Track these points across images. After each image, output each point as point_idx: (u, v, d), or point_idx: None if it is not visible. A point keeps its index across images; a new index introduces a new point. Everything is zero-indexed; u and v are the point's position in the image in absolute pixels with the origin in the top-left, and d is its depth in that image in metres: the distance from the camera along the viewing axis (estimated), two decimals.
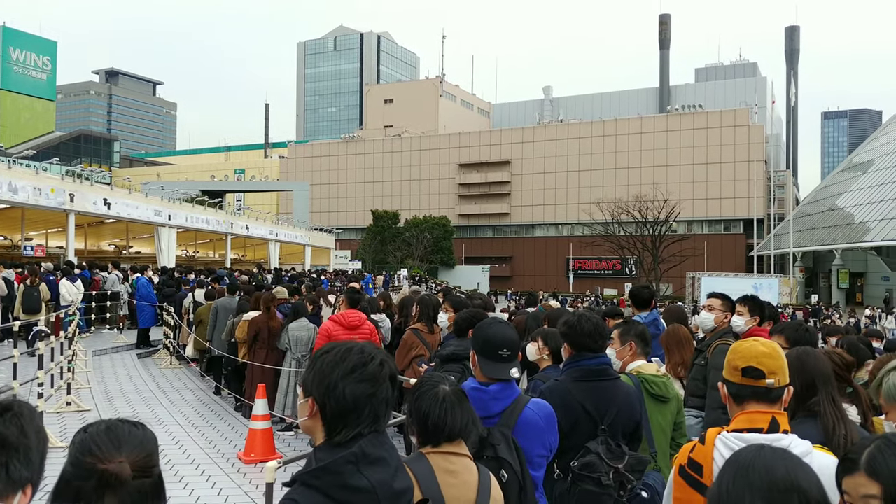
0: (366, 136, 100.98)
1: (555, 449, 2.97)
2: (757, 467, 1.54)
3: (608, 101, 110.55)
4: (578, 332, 3.43)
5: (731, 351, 2.46)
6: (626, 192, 71.29)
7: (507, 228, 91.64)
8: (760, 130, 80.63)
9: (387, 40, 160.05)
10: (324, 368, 1.84)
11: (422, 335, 6.92)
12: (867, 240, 54.12)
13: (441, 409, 2.34)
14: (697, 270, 62.37)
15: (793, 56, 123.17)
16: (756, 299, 5.42)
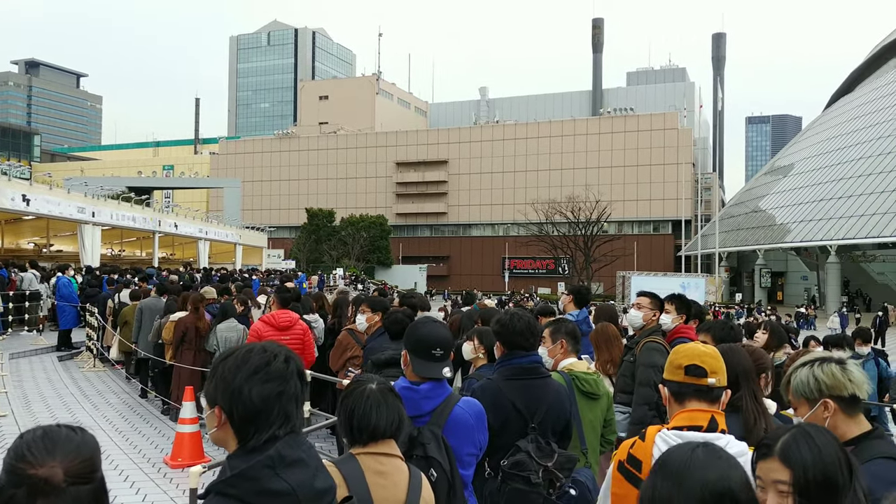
0: (300, 133, 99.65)
1: (485, 447, 2.96)
2: (691, 472, 1.54)
3: (543, 103, 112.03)
4: (511, 330, 3.43)
5: (674, 351, 2.51)
6: (560, 192, 72.43)
7: (444, 228, 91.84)
8: (688, 134, 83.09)
9: (322, 36, 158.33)
10: (225, 374, 1.76)
11: (357, 336, 6.84)
12: (787, 241, 56.36)
13: (367, 407, 2.31)
14: (628, 270, 63.82)
15: (719, 62, 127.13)
16: (683, 298, 5.55)
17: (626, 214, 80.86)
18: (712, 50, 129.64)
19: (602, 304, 8.40)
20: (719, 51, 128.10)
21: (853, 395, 2.27)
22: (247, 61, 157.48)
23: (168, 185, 76.96)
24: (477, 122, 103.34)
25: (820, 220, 52.84)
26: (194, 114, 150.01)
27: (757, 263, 61.73)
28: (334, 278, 45.62)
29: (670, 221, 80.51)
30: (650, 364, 4.63)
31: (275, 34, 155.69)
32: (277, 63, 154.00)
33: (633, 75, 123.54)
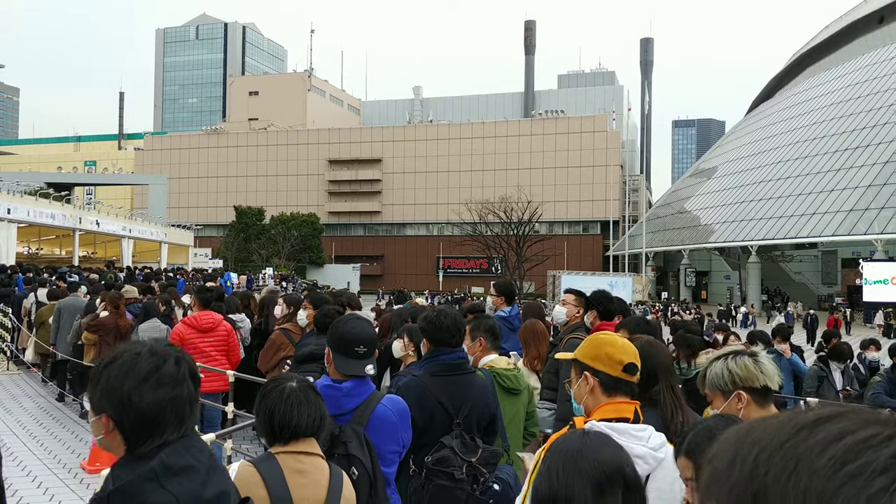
0: (229, 129, 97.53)
1: (408, 445, 2.96)
2: (585, 454, 1.60)
3: (476, 104, 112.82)
4: (437, 326, 3.44)
5: (610, 344, 2.54)
6: (493, 193, 73.02)
7: (378, 227, 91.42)
8: (617, 136, 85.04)
9: (252, 31, 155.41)
10: (111, 382, 1.67)
11: (291, 335, 6.73)
12: (711, 241, 58.28)
13: (287, 406, 2.27)
14: (558, 269, 64.85)
15: (647, 67, 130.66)
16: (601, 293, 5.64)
17: (557, 215, 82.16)
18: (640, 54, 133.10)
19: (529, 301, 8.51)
20: (647, 55, 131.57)
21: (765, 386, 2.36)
22: (174, 55, 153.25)
23: (90, 182, 74.17)
24: (411, 121, 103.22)
25: (742, 221, 54.84)
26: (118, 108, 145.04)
27: (682, 263, 63.63)
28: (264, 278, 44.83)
29: (599, 222, 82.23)
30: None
31: (204, 28, 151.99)
32: (206, 57, 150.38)
33: (564, 78, 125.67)
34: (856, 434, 0.65)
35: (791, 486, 0.64)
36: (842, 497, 0.61)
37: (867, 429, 0.66)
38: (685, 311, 41.66)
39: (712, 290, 67.22)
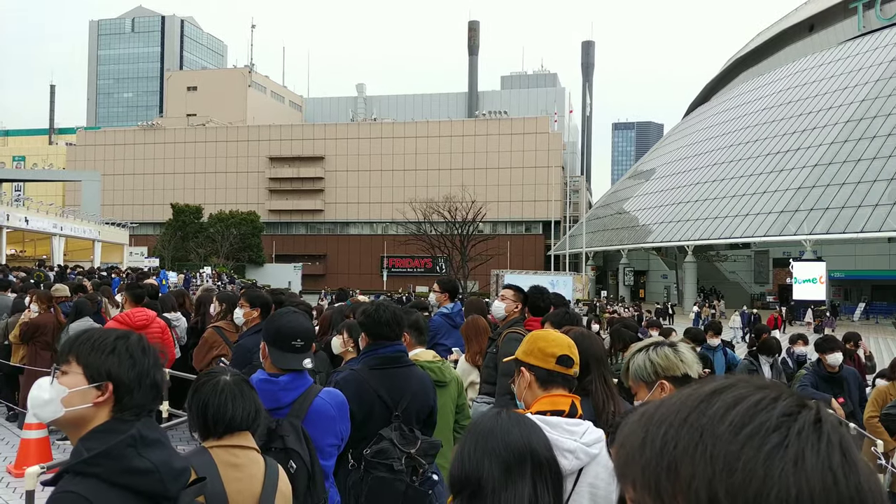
0: (166, 125, 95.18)
1: (347, 438, 2.96)
2: (495, 434, 1.65)
3: (420, 103, 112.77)
4: (375, 320, 3.45)
5: (542, 339, 2.59)
6: (438, 192, 73.13)
7: (320, 226, 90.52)
8: (559, 138, 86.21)
9: (191, 25, 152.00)
10: (132, 353, 1.81)
11: (225, 333, 6.61)
12: (649, 241, 59.63)
13: (222, 399, 2.24)
14: (501, 268, 65.34)
15: (588, 69, 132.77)
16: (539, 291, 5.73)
17: (501, 215, 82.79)
18: (582, 57, 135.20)
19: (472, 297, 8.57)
20: (588, 58, 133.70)
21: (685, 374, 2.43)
22: (108, 48, 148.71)
23: (18, 178, 71.25)
24: (354, 118, 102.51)
25: (678, 221, 56.27)
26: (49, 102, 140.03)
27: (621, 263, 64.89)
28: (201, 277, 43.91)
29: (541, 222, 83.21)
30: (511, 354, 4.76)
31: (140, 20, 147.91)
32: (142, 51, 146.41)
33: (508, 79, 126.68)
34: (748, 399, 0.74)
35: (699, 454, 0.71)
36: (744, 456, 0.70)
37: (757, 394, 0.75)
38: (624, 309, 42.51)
39: (650, 288, 68.81)
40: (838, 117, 50.68)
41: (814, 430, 0.73)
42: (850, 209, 43.46)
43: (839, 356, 7.30)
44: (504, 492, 1.59)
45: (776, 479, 0.69)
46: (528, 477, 1.61)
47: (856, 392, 7.32)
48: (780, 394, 0.76)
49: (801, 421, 0.73)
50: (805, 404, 0.76)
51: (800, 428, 0.72)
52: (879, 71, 51.51)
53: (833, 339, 7.97)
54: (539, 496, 1.60)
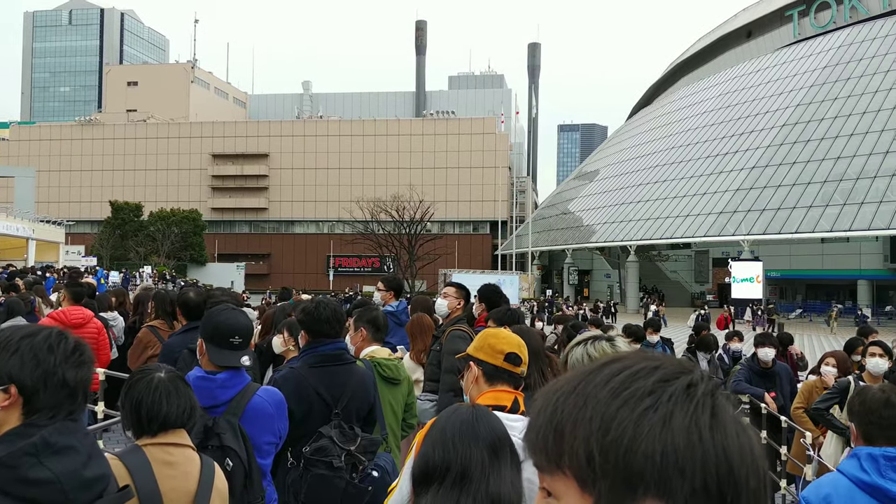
0: (105, 120, 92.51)
1: (284, 436, 2.94)
2: (480, 421, 1.70)
3: (367, 101, 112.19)
4: (316, 318, 3.43)
5: (494, 336, 2.64)
6: (385, 191, 72.88)
7: (265, 224, 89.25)
8: (505, 139, 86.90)
9: (132, 19, 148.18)
10: (36, 353, 1.70)
11: (160, 333, 6.47)
12: (593, 241, 60.59)
13: (156, 397, 2.21)
14: (449, 268, 65.59)
15: (534, 71, 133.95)
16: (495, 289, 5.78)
17: (448, 215, 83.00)
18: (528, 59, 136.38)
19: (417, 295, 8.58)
20: (534, 60, 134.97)
21: None
22: (44, 40, 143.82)
23: None
24: (300, 116, 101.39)
25: (621, 222, 57.33)
26: None
27: (566, 262, 65.77)
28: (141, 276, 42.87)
29: (488, 222, 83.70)
30: (454, 352, 4.78)
31: (77, 13, 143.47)
32: (80, 44, 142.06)
33: (455, 79, 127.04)
34: (631, 369, 0.82)
35: (580, 417, 0.79)
36: (618, 417, 0.77)
37: (640, 364, 0.83)
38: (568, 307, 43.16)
39: (594, 287, 69.94)
40: (775, 121, 52.35)
41: (685, 394, 0.78)
42: (785, 210, 44.94)
43: (770, 351, 7.55)
44: (493, 476, 1.64)
45: (644, 437, 0.75)
46: (508, 462, 1.68)
47: (787, 387, 7.57)
48: (661, 364, 0.82)
49: (674, 385, 0.79)
50: (682, 372, 0.82)
51: (672, 392, 0.78)
52: (813, 77, 53.41)
53: (767, 335, 8.24)
54: (514, 481, 1.67)
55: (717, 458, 0.76)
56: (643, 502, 0.76)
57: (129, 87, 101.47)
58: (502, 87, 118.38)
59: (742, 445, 0.78)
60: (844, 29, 56.92)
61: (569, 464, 0.79)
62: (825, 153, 46.25)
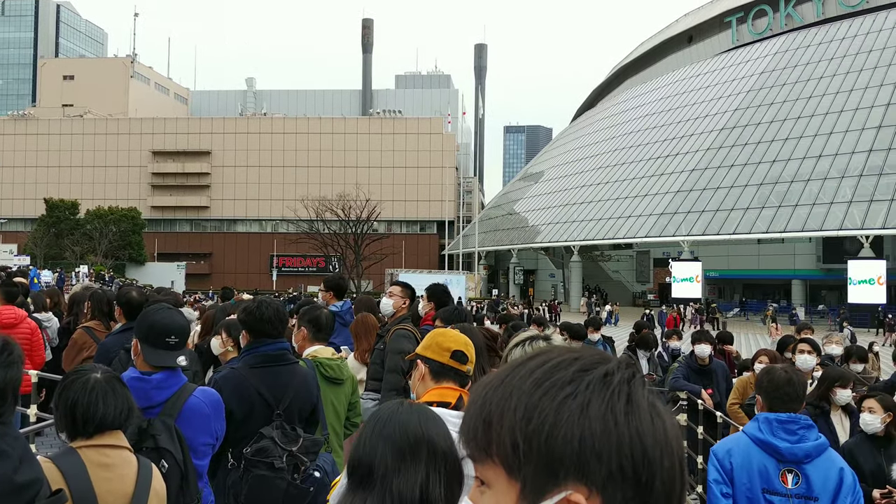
0: (39, 115, 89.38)
1: (222, 437, 2.90)
2: (393, 421, 1.67)
3: (313, 99, 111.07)
4: (257, 318, 3.39)
5: (441, 334, 2.68)
6: (331, 190, 72.27)
7: (206, 223, 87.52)
8: (453, 139, 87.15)
9: (68, 11, 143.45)
10: None
11: (95, 334, 6.29)
12: (537, 241, 61.27)
13: (92, 398, 2.15)
14: (396, 268, 65.48)
15: (481, 72, 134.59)
16: (444, 289, 5.81)
17: (395, 214, 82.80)
18: (474, 60, 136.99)
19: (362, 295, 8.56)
20: (481, 61, 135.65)
21: None
22: None
23: None
24: (243, 113, 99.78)
25: (565, 222, 58.11)
26: None
27: (512, 262, 66.34)
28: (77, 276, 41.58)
29: (435, 222, 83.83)
30: (398, 351, 4.79)
31: (10, 4, 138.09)
32: (13, 36, 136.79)
33: (402, 78, 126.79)
34: (553, 360, 0.87)
35: (506, 407, 0.84)
36: (540, 406, 0.82)
37: (562, 356, 0.88)
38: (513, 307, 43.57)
39: (539, 287, 70.71)
40: (714, 125, 53.79)
41: (602, 382, 0.84)
42: (723, 212, 46.21)
43: (706, 348, 7.76)
44: (395, 477, 1.60)
45: (563, 424, 0.80)
46: (421, 465, 1.62)
47: (723, 384, 7.80)
48: (580, 355, 0.87)
49: (592, 375, 0.84)
50: (600, 362, 0.87)
51: (590, 381, 0.83)
52: (751, 82, 55.07)
53: (704, 332, 8.48)
54: (431, 485, 1.62)
55: (632, 441, 0.80)
56: (564, 485, 0.80)
57: (66, 81, 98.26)
58: (449, 87, 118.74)
59: (656, 429, 0.83)
60: (780, 36, 58.88)
61: (497, 452, 0.84)
62: (762, 156, 47.73)
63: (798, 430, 3.29)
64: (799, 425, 3.30)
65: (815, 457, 3.26)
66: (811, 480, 3.23)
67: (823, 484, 3.22)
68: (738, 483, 3.31)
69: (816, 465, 3.26)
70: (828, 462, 3.30)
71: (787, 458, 3.25)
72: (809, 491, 3.22)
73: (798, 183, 44.32)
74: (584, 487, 0.80)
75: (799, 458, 3.24)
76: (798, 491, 3.23)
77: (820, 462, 3.27)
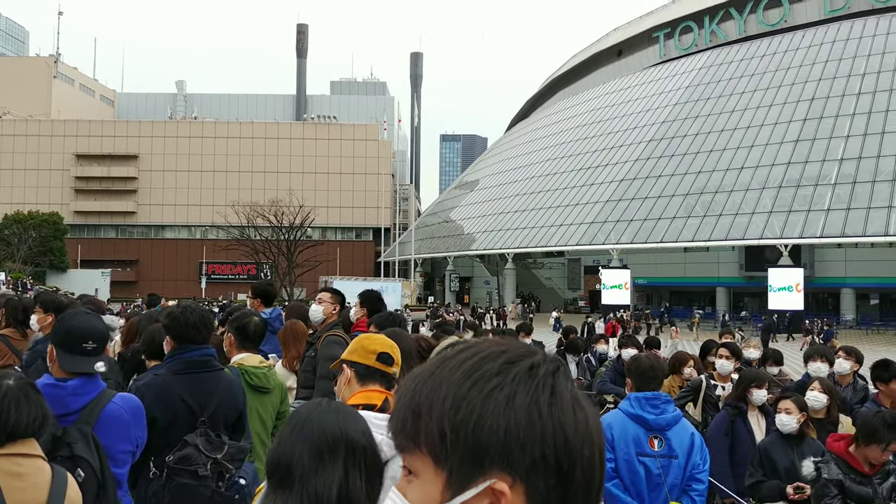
0: None
1: (142, 444, 2.84)
2: (311, 421, 1.67)
3: (246, 103, 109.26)
4: (182, 323, 3.33)
5: (367, 338, 2.70)
6: (263, 196, 71.17)
7: (133, 229, 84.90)
8: (388, 146, 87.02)
9: None
10: None
11: (10, 342, 6.04)
12: (473, 249, 61.71)
13: (5, 405, 2.09)
14: (330, 275, 64.83)
15: (417, 80, 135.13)
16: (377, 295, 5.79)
17: (330, 221, 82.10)
18: (410, 68, 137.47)
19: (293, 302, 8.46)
20: (417, 69, 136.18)
21: None
22: None
23: None
24: (173, 116, 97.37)
25: (500, 230, 58.73)
26: None
27: (447, 269, 66.62)
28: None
29: (371, 229, 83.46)
30: (330, 357, 4.75)
31: None
32: None
33: (337, 84, 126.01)
34: (482, 353, 0.90)
35: (435, 398, 0.86)
36: (468, 397, 0.85)
37: (491, 348, 0.91)
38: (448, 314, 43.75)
39: (474, 294, 71.23)
40: (642, 136, 55.30)
41: (528, 375, 0.87)
42: (651, 221, 47.50)
43: (633, 352, 7.97)
44: (313, 477, 1.60)
45: (490, 414, 0.83)
46: (340, 463, 1.63)
47: None
48: (508, 349, 0.90)
49: (518, 367, 0.87)
50: (526, 355, 0.90)
51: (516, 373, 0.87)
52: (678, 95, 56.88)
53: (630, 337, 8.71)
54: (350, 482, 1.62)
55: (555, 431, 0.84)
56: (489, 474, 0.83)
57: None
58: (385, 94, 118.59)
59: (578, 419, 0.86)
60: (705, 52, 61.04)
61: (425, 442, 0.86)
62: (688, 168, 49.29)
63: (660, 404, 4.09)
64: (661, 401, 4.10)
65: (673, 425, 4.08)
66: (672, 443, 4.05)
67: (680, 445, 4.06)
68: (618, 449, 4.01)
69: (675, 432, 4.08)
70: (683, 429, 4.14)
71: (654, 427, 4.04)
72: (671, 451, 4.04)
73: (722, 194, 45.92)
74: (508, 476, 0.83)
75: (662, 426, 4.05)
76: (663, 452, 4.04)
77: (677, 429, 4.10)
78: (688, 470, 4.09)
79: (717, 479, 5.75)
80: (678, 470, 4.06)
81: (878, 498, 4.17)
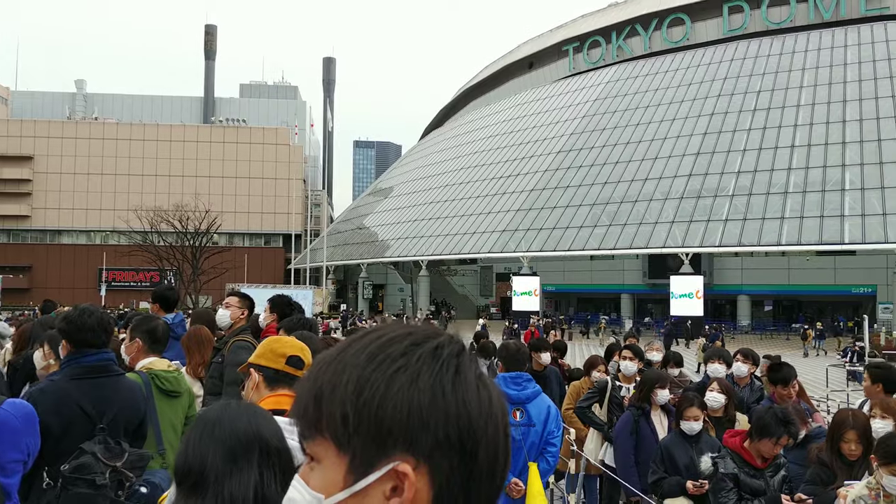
0: None
1: (35, 452, 2.68)
2: (222, 421, 1.62)
3: (150, 105, 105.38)
4: (79, 326, 3.18)
5: (276, 341, 2.65)
6: (168, 200, 68.77)
7: (26, 233, 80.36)
8: (300, 151, 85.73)
9: None
10: None
11: None
12: (387, 256, 61.55)
13: None
14: (238, 282, 63.22)
15: (329, 86, 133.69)
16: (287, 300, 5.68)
17: (238, 226, 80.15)
18: (323, 73, 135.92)
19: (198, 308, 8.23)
20: (330, 74, 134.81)
21: None
22: None
23: None
24: (71, 116, 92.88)
25: (414, 238, 58.82)
26: None
27: (361, 276, 66.16)
28: None
29: (281, 235, 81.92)
30: (238, 363, 4.64)
31: None
32: None
33: (247, 87, 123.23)
34: (387, 336, 0.90)
35: (338, 381, 0.86)
36: (372, 379, 0.84)
37: (395, 331, 0.91)
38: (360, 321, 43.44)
39: (388, 301, 70.98)
40: (552, 147, 56.64)
41: (432, 355, 0.87)
42: (559, 230, 48.66)
43: (548, 356, 8.16)
44: (228, 480, 1.56)
45: (393, 395, 0.82)
46: (254, 465, 1.59)
47: (557, 388, 8.21)
48: (413, 331, 0.90)
49: (423, 348, 0.87)
50: (431, 336, 0.89)
51: (420, 354, 0.86)
52: (586, 108, 58.59)
53: (542, 341, 8.90)
54: (266, 484, 1.59)
55: (458, 411, 0.84)
56: (392, 456, 0.82)
57: None
58: (296, 98, 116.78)
59: (482, 399, 0.86)
60: (612, 66, 63.16)
61: (327, 426, 0.85)
62: (594, 178, 50.79)
63: (522, 382, 4.95)
64: (522, 379, 4.97)
65: (532, 399, 4.95)
66: (531, 414, 4.90)
67: (538, 416, 4.92)
68: None
69: (534, 404, 4.93)
70: (541, 402, 5.00)
71: (515, 401, 4.83)
72: (530, 420, 4.88)
73: (627, 204, 47.53)
74: (412, 458, 0.82)
75: (522, 400, 4.89)
76: (523, 421, 4.86)
77: (536, 402, 4.96)
78: (544, 436, 4.90)
79: (623, 477, 5.94)
80: (535, 437, 4.87)
81: (770, 490, 4.42)
